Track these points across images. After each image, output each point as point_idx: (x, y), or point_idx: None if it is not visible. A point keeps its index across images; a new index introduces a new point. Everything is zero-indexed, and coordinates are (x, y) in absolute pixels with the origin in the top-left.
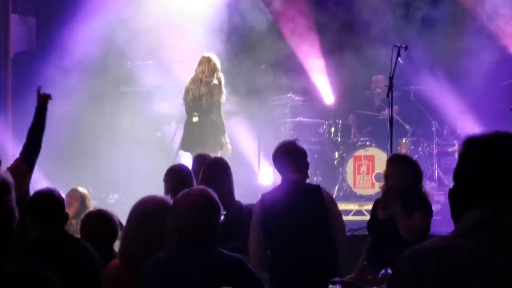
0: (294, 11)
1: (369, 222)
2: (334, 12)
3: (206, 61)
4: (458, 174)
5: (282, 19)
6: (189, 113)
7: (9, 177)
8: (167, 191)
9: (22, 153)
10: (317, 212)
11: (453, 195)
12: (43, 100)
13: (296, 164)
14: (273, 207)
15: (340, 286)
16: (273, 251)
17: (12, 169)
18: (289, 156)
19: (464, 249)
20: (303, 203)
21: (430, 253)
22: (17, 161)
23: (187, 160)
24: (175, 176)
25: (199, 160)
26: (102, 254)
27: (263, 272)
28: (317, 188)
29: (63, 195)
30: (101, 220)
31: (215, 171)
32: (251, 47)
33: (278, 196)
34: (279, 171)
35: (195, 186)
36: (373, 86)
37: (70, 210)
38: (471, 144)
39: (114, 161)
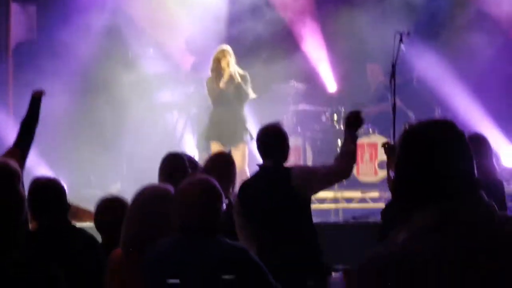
0: None
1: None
2: None
3: (228, 54)
4: (403, 170)
5: (283, 5)
6: (219, 104)
7: (16, 166)
8: (161, 178)
9: (16, 143)
10: (283, 199)
11: (402, 190)
12: (38, 94)
13: (267, 149)
14: (246, 194)
15: (342, 273)
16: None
17: (5, 156)
18: (261, 141)
19: (426, 253)
20: (270, 190)
21: (390, 262)
22: (11, 148)
23: (191, 148)
24: (170, 164)
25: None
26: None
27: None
28: (285, 171)
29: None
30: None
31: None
32: (251, 33)
33: (251, 183)
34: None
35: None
36: (368, 74)
37: None
38: (419, 134)
39: (116, 150)
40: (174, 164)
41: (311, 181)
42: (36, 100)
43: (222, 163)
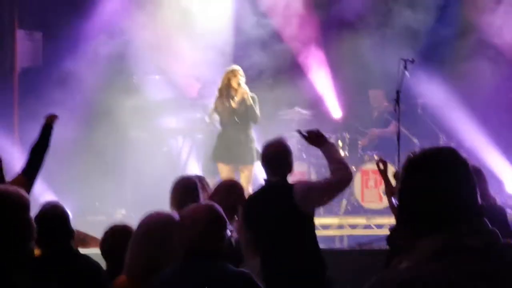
0: (299, 23)
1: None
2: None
3: (238, 74)
4: (407, 198)
5: (287, 32)
6: (229, 124)
7: (26, 195)
8: (172, 203)
9: (24, 169)
10: (286, 213)
11: (405, 217)
12: (50, 119)
13: (271, 165)
14: (250, 209)
15: None
16: (260, 252)
17: (12, 183)
18: (265, 157)
19: (432, 279)
20: (273, 205)
21: (398, 285)
22: (18, 176)
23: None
24: (182, 188)
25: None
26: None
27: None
28: (287, 187)
29: (68, 210)
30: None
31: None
32: (256, 62)
33: (255, 198)
34: None
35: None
36: (371, 100)
37: None
38: (423, 162)
39: (121, 176)
40: (187, 187)
41: (312, 195)
42: (48, 126)
43: (231, 191)
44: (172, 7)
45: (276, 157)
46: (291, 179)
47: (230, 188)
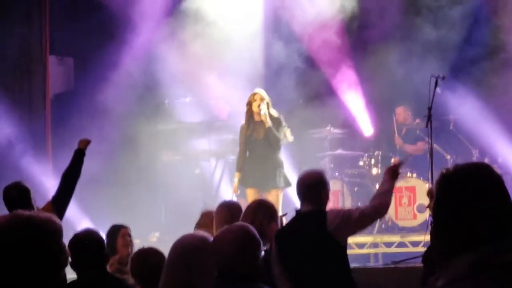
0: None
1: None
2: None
3: (259, 97)
4: (442, 214)
5: (319, 53)
6: (250, 150)
7: (58, 220)
8: (218, 225)
9: (55, 197)
10: (319, 244)
11: (439, 236)
12: (84, 144)
13: (305, 195)
14: (282, 242)
15: None
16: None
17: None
18: (299, 187)
19: None
20: (306, 236)
21: None
22: (47, 204)
23: (228, 194)
24: (227, 211)
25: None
26: None
27: None
28: (321, 215)
29: (103, 235)
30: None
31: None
32: (288, 83)
33: (287, 230)
34: None
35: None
36: (396, 117)
37: None
38: (455, 178)
39: (154, 199)
40: (230, 212)
41: (346, 224)
42: (80, 151)
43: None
44: (204, 36)
45: (312, 187)
46: (326, 204)
47: (256, 208)
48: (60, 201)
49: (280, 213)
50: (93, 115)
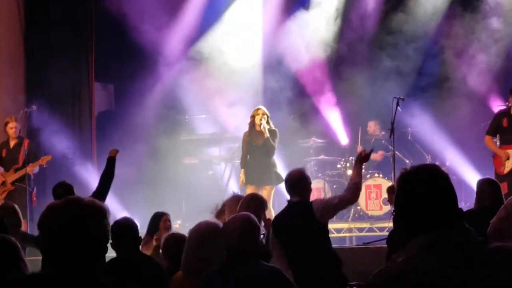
0: (315, 73)
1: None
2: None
3: (262, 112)
4: (401, 205)
5: (306, 80)
6: (251, 154)
7: (107, 206)
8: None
9: (95, 192)
10: (308, 226)
11: (400, 222)
12: (113, 152)
13: (293, 189)
14: (278, 225)
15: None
16: (289, 259)
17: None
18: (288, 182)
19: (421, 269)
20: (297, 220)
21: (393, 278)
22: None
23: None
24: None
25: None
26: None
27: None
28: (308, 205)
29: (138, 223)
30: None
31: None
32: (281, 104)
33: (282, 216)
34: None
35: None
36: (368, 129)
37: None
38: (412, 176)
39: (177, 194)
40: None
41: (327, 210)
42: (112, 158)
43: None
44: (216, 62)
45: (297, 182)
46: (310, 195)
47: (250, 200)
48: (99, 195)
49: (270, 203)
50: (129, 130)
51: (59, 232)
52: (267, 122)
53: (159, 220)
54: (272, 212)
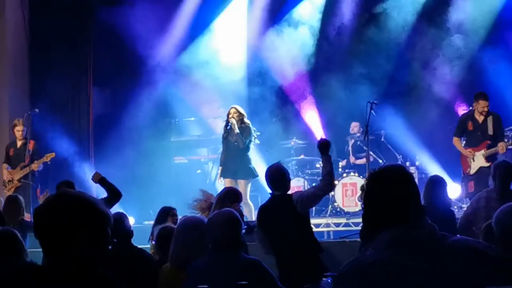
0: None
1: None
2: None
3: (234, 110)
4: (369, 203)
5: (288, 87)
6: (229, 149)
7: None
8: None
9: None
10: (289, 216)
11: (367, 219)
12: (96, 177)
13: (274, 182)
14: (262, 216)
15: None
16: (272, 247)
17: None
18: (269, 177)
19: (386, 260)
20: (279, 211)
21: (361, 268)
22: None
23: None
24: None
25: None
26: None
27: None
28: (288, 197)
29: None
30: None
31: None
32: (265, 105)
33: (265, 207)
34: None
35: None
36: (351, 130)
37: None
38: (379, 176)
39: (168, 191)
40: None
41: (306, 200)
42: (102, 181)
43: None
44: (202, 73)
45: (277, 177)
46: (290, 191)
47: (224, 194)
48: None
49: (248, 196)
50: (124, 131)
51: (48, 219)
52: (241, 120)
53: (166, 215)
54: (251, 206)
